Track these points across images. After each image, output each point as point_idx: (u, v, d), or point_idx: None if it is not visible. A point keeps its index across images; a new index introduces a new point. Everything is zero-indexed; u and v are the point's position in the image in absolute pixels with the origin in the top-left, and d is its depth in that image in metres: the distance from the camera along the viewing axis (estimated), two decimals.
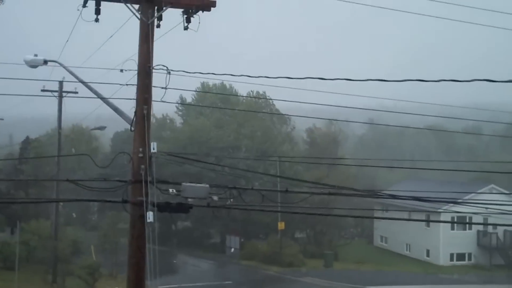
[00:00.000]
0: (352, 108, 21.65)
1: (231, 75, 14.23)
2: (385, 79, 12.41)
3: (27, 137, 62.77)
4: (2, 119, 72.02)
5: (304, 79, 13.31)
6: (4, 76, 19.22)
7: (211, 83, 75.66)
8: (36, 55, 17.77)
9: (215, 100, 75.06)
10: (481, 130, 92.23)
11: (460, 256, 64.72)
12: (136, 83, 11.99)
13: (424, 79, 11.82)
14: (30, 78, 18.80)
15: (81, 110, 49.46)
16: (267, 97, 72.74)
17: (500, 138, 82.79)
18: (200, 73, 14.40)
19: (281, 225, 62.76)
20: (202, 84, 75.09)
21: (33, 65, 17.75)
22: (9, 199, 48.74)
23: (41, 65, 17.76)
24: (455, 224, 62.18)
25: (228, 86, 76.28)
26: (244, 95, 73.16)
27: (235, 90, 75.73)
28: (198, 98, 77.68)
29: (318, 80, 12.80)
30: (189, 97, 78.51)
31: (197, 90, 74.45)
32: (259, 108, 73.37)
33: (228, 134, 69.46)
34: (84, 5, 12.30)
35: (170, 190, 12.08)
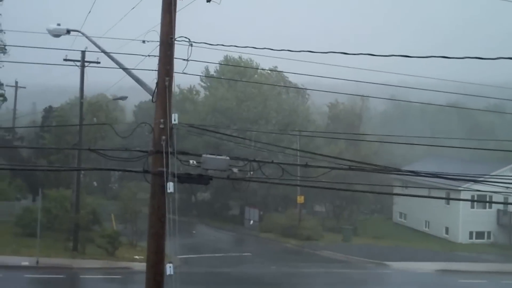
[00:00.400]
0: (373, 83, 21.51)
1: (254, 47, 14.19)
2: (409, 55, 12.34)
3: (50, 106, 63.19)
4: (24, 87, 72.68)
5: (327, 53, 13.24)
6: (27, 44, 19.33)
7: (234, 56, 75.42)
8: (59, 25, 17.82)
9: (236, 74, 74.93)
10: (504, 108, 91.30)
11: (480, 235, 64.59)
12: (158, 54, 12.00)
13: (447, 56, 11.74)
14: (52, 47, 18.89)
15: (103, 80, 49.70)
16: (287, 72, 72.54)
17: None
18: (222, 45, 14.37)
19: (300, 199, 62.91)
20: (226, 57, 74.87)
21: (56, 34, 17.81)
22: (31, 166, 49.23)
23: (64, 35, 17.81)
24: (475, 203, 62.00)
25: (249, 60, 76.03)
26: (266, 69, 72.90)
27: (257, 63, 75.50)
28: (220, 71, 77.53)
29: (341, 55, 12.75)
30: (212, 70, 78.45)
31: (219, 63, 74.26)
32: (279, 82, 73.21)
33: (254, 105, 69.34)
34: None
35: (191, 161, 12.12)
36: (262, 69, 73.32)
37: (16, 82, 70.46)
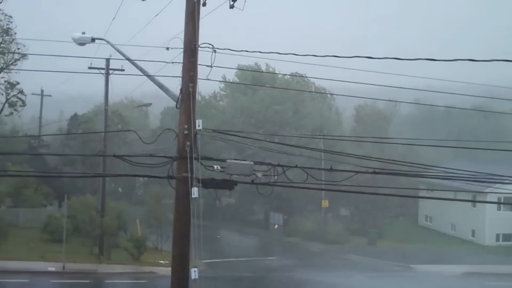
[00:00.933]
0: (398, 87, 21.45)
1: (278, 53, 14.23)
2: (435, 58, 12.29)
3: (75, 114, 63.76)
4: (50, 96, 73.36)
5: (352, 58, 13.25)
6: (53, 53, 19.54)
7: (252, 62, 75.51)
8: (83, 33, 18.02)
9: (255, 81, 74.94)
10: None
11: (507, 237, 63.93)
12: (181, 61, 12.08)
13: (474, 59, 11.68)
14: (77, 56, 19.08)
15: (128, 87, 50.03)
16: (310, 77, 72.43)
17: None
18: (246, 51, 14.43)
19: (325, 203, 62.80)
20: (239, 65, 74.95)
21: (81, 42, 18.02)
22: (58, 173, 49.69)
23: (89, 43, 18.01)
24: (502, 205, 61.38)
25: (269, 66, 76.10)
26: (288, 74, 72.89)
27: (273, 68, 75.45)
28: (241, 77, 77.60)
29: (366, 59, 12.75)
30: (231, 76, 78.43)
31: (240, 68, 74.28)
32: (301, 88, 73.18)
33: (283, 110, 69.34)
34: None
35: (215, 166, 12.19)
36: (284, 74, 73.31)
37: (42, 91, 71.15)
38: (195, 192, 11.32)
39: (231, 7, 12.44)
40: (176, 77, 12.32)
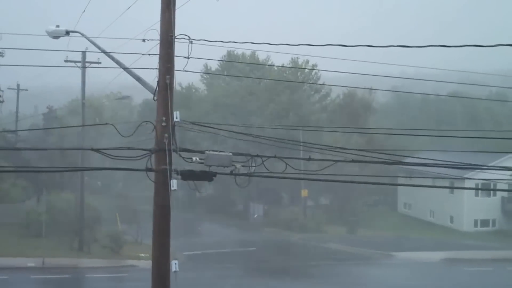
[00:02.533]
0: (374, 75, 21.49)
1: (252, 43, 14.20)
2: (408, 45, 12.30)
3: (50, 107, 63.19)
4: (26, 90, 72.69)
5: (325, 46, 13.24)
6: (27, 47, 19.33)
7: (238, 52, 75.55)
8: (58, 26, 17.83)
9: (238, 71, 74.90)
10: (506, 96, 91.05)
11: (484, 222, 64.59)
12: (158, 53, 12.01)
13: (447, 45, 11.70)
14: (52, 49, 18.88)
15: (104, 80, 49.72)
16: (287, 66, 72.49)
17: None
18: (221, 41, 14.36)
19: (304, 192, 63.05)
20: (229, 52, 74.89)
21: (55, 35, 17.83)
22: (35, 168, 49.29)
23: (63, 36, 17.82)
24: (480, 191, 61.98)
25: (255, 55, 76.24)
26: (263, 64, 72.96)
27: (257, 57, 75.58)
28: (223, 67, 77.53)
29: (340, 48, 12.74)
30: (213, 67, 78.44)
31: (220, 59, 74.31)
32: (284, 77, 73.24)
33: (259, 101, 69.24)
34: None
35: (194, 158, 12.15)
36: (263, 65, 73.37)
37: (18, 85, 70.50)
38: (174, 184, 11.28)
39: None
40: (153, 69, 12.25)
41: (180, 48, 12.05)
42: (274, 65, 73.96)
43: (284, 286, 38.02)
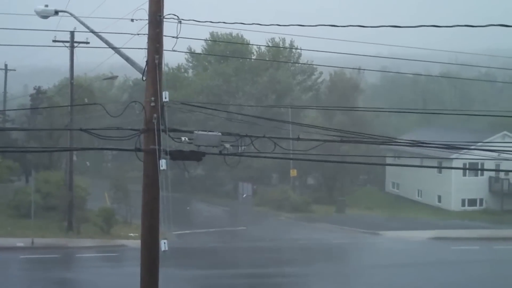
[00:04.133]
0: (364, 56, 21.52)
1: (242, 23, 14.20)
2: (398, 25, 12.31)
3: (38, 87, 62.89)
4: (14, 70, 72.35)
5: (316, 26, 13.26)
6: (15, 27, 19.25)
7: (221, 32, 75.28)
8: (46, 6, 17.76)
9: (225, 51, 74.65)
10: (494, 76, 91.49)
11: (472, 202, 65.05)
12: (147, 33, 12.01)
13: (437, 25, 11.73)
14: (41, 29, 18.81)
15: (93, 60, 49.53)
16: (277, 46, 72.37)
17: None
18: (210, 21, 14.37)
19: (293, 172, 63.29)
20: (211, 33, 74.56)
21: (44, 15, 17.76)
22: (24, 148, 49.19)
23: (52, 16, 17.76)
24: (467, 170, 62.37)
25: (239, 36, 75.99)
26: (251, 44, 72.77)
27: (246, 39, 75.42)
28: (207, 48, 77.27)
29: (330, 28, 12.76)
30: (199, 48, 78.12)
31: (207, 39, 74.02)
32: (271, 57, 73.18)
33: (244, 83, 69.21)
34: None
35: (183, 138, 12.17)
36: (250, 44, 73.14)
37: (6, 65, 70.16)
38: (163, 164, 11.31)
39: None
40: (142, 49, 12.23)
41: (168, 28, 12.05)
42: (258, 45, 73.74)
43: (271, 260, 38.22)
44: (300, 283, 33.46)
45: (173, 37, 12.15)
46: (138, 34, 13.40)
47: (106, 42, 14.33)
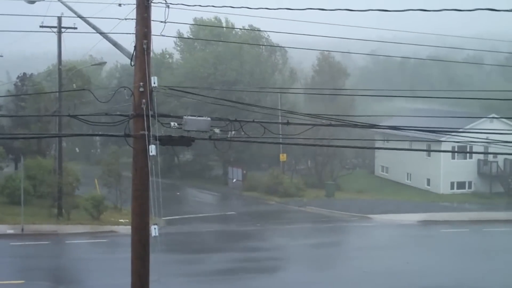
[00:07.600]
0: (353, 39, 21.53)
1: (231, 7, 14.16)
2: (386, 9, 12.30)
3: (24, 73, 62.51)
4: (1, 56, 71.79)
5: (305, 10, 13.22)
6: (2, 12, 19.12)
7: (205, 17, 75.00)
8: None
9: (213, 36, 74.29)
10: (482, 60, 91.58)
11: (461, 185, 65.36)
12: (135, 17, 11.94)
13: (425, 9, 11.74)
14: (28, 14, 18.69)
15: (81, 45, 49.23)
16: (265, 30, 72.15)
17: (501, 68, 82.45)
18: (199, 5, 14.33)
19: (282, 157, 63.34)
20: (195, 19, 74.12)
21: (31, 0, 17.66)
22: (12, 134, 48.94)
23: (39, 1, 17.67)
24: (456, 154, 62.57)
25: (224, 20, 75.80)
26: (240, 28, 72.48)
27: (232, 23, 75.21)
28: (193, 33, 77.00)
29: (319, 12, 12.72)
30: (185, 33, 77.84)
31: (195, 24, 73.69)
32: (256, 41, 72.88)
33: (231, 68, 69.04)
34: None
35: (172, 123, 12.15)
36: (238, 29, 72.84)
37: None
38: (152, 149, 11.29)
39: None
40: (131, 33, 12.17)
41: (156, 13, 12.00)
42: (240, 29, 73.40)
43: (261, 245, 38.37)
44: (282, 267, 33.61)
45: (161, 21, 12.11)
46: (126, 19, 13.34)
47: (93, 27, 14.25)
